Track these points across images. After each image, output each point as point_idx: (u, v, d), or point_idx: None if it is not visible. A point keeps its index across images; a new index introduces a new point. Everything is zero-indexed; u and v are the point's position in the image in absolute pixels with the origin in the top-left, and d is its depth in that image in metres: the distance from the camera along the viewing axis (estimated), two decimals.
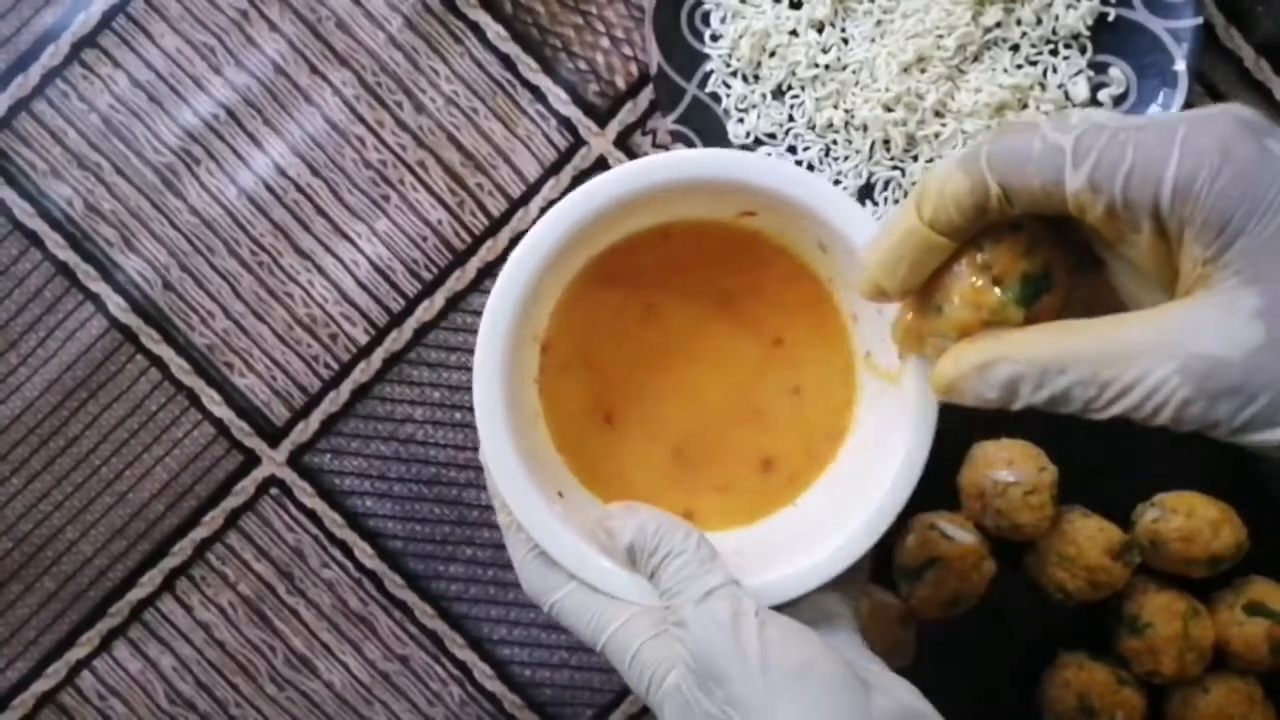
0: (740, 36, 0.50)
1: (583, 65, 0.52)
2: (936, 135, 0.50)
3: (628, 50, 0.52)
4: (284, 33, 0.52)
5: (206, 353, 0.52)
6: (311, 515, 0.53)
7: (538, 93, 0.52)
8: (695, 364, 0.42)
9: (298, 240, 0.52)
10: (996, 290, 0.32)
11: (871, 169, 0.51)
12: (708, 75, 0.51)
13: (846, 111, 0.50)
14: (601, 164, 0.52)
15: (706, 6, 0.51)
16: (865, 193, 0.51)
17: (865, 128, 0.50)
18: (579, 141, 0.52)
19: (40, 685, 0.53)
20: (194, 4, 0.51)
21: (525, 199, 0.52)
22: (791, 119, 0.51)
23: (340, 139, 0.52)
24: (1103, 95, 0.50)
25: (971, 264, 0.32)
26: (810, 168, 0.51)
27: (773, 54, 0.50)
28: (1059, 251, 0.33)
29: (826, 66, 0.50)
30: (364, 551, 0.53)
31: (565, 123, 0.52)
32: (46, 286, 0.52)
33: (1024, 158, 0.30)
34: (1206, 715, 0.49)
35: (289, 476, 0.53)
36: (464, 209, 0.52)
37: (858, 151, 0.50)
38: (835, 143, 0.51)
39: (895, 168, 0.51)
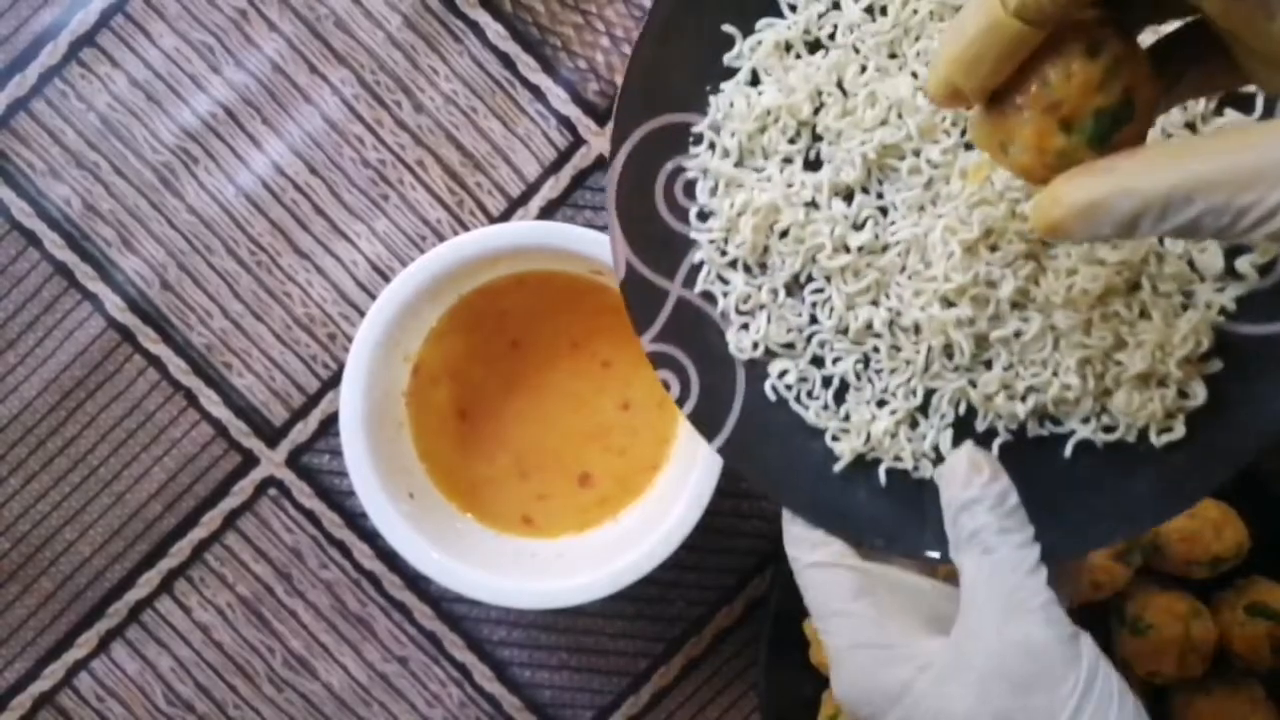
0: (739, 213, 0.38)
1: (582, 64, 0.52)
2: (1017, 335, 0.37)
3: (627, 49, 0.52)
4: (283, 32, 0.51)
5: (205, 352, 0.52)
6: (310, 516, 0.53)
7: (537, 92, 0.52)
8: (545, 392, 0.49)
9: (296, 240, 0.52)
10: (1062, 136, 0.29)
11: (929, 383, 0.38)
12: (696, 268, 0.38)
13: (890, 310, 0.38)
14: (601, 163, 0.52)
15: (690, 174, 0.38)
16: (922, 412, 0.38)
17: (918, 330, 0.37)
18: (578, 140, 0.52)
19: (38, 686, 0.53)
20: (192, 3, 0.51)
21: (525, 198, 0.52)
22: (815, 321, 0.38)
23: (339, 138, 0.52)
24: (1241, 264, 0.37)
25: (1037, 102, 0.28)
26: (844, 386, 0.38)
27: (785, 235, 0.38)
28: (1141, 71, 0.29)
29: (860, 249, 0.37)
30: (363, 552, 0.53)
31: (565, 122, 0.52)
32: (44, 286, 0.52)
33: None
34: (1208, 716, 0.49)
35: (287, 477, 0.53)
36: (463, 208, 0.52)
37: (908, 362, 0.37)
38: (877, 350, 0.38)
39: (963, 378, 0.37)
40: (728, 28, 0.38)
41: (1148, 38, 0.31)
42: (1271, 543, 0.50)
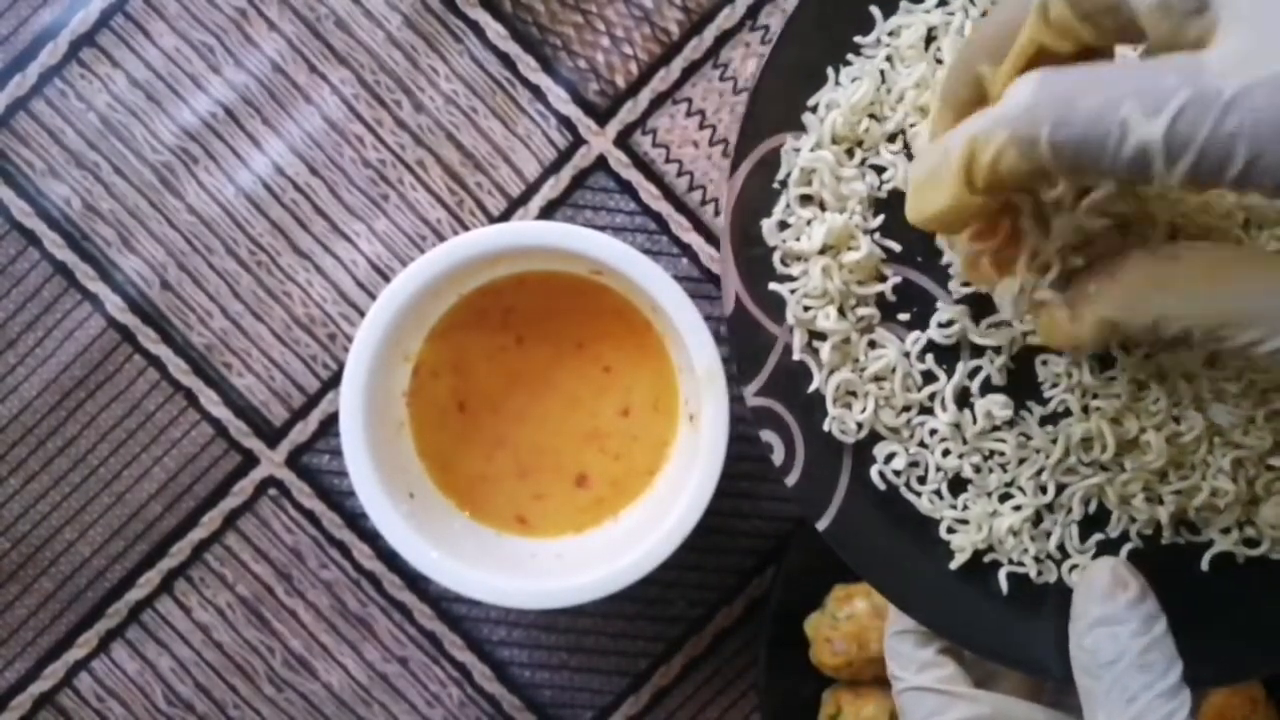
0: (816, 249, 0.33)
1: (583, 64, 0.52)
2: (1171, 440, 0.32)
3: (627, 49, 0.52)
4: (283, 31, 0.51)
5: (205, 352, 0.52)
6: (310, 516, 0.53)
7: (537, 92, 0.52)
8: (546, 391, 0.49)
9: (296, 240, 0.52)
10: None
11: (1061, 479, 0.33)
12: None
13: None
14: (601, 163, 0.52)
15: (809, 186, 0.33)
16: (1048, 507, 0.33)
17: (1054, 420, 0.33)
18: (579, 140, 0.52)
19: (38, 687, 0.53)
20: (193, 3, 0.51)
21: (525, 198, 0.52)
22: (927, 410, 0.33)
23: (339, 138, 0.52)
24: None
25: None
26: (962, 483, 0.34)
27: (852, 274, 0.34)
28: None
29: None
30: (363, 552, 0.53)
31: (565, 122, 0.52)
32: (44, 286, 0.52)
33: (1099, 153, 0.23)
34: (1208, 717, 0.49)
35: (287, 477, 0.53)
36: (463, 208, 0.52)
37: (1039, 451, 0.33)
38: (1003, 440, 0.34)
39: (1098, 475, 0.33)
40: (873, 10, 0.33)
41: None
42: None
